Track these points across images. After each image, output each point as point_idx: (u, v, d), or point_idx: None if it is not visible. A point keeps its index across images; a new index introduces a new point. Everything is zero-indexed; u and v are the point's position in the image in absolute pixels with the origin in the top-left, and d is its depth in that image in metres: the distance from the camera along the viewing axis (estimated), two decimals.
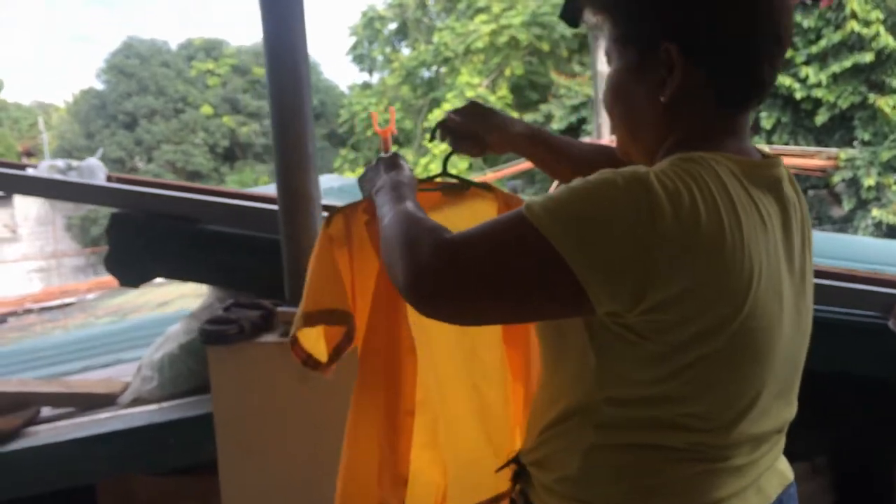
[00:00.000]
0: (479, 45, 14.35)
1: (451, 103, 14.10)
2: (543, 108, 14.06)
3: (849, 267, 2.48)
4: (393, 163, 1.23)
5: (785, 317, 0.93)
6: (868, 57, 10.64)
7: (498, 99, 14.58)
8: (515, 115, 14.44)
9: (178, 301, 11.54)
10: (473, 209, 1.39)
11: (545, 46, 14.54)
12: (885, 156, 10.64)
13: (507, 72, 14.77)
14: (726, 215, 0.85)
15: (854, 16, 10.74)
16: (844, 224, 11.38)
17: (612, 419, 0.94)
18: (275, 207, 2.08)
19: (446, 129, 1.34)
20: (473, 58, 14.92)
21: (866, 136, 10.99)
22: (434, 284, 0.90)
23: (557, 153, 1.33)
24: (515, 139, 1.33)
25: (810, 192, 11.48)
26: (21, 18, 66.53)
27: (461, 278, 0.89)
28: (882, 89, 10.85)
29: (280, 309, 1.94)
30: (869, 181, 10.68)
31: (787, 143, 11.11)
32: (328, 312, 1.22)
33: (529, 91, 15.40)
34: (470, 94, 14.20)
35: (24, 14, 65.26)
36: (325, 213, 1.71)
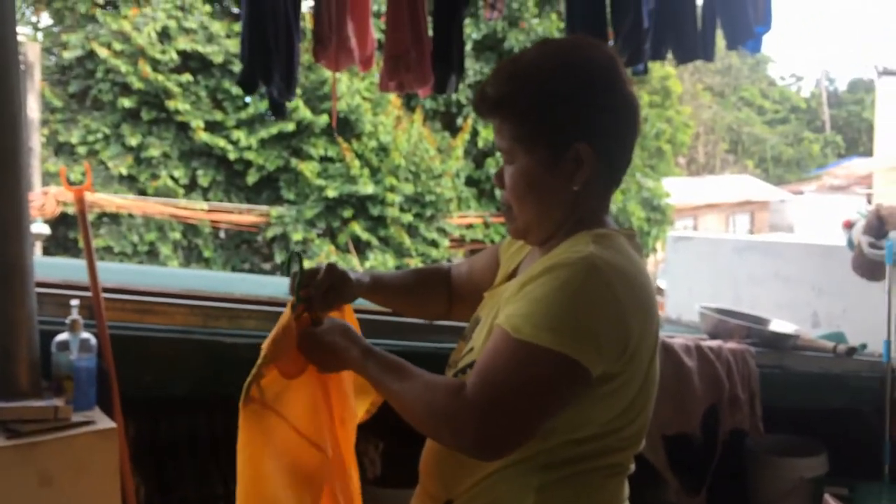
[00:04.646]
0: None
1: None
2: None
3: None
4: (340, 324, 1.26)
5: None
6: (290, 126, 11.91)
7: None
8: None
9: None
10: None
11: None
12: (308, 213, 12.00)
13: None
14: (644, 274, 1.11)
15: None
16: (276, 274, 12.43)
17: (561, 458, 1.10)
18: None
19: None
20: None
21: (291, 196, 12.24)
22: (496, 445, 1.04)
23: (390, 290, 1.46)
24: (364, 294, 1.41)
25: (244, 247, 12.25)
26: None
27: (512, 428, 1.03)
28: (302, 155, 12.24)
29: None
30: (297, 236, 11.88)
31: (221, 200, 11.71)
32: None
33: None
34: None
35: None
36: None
